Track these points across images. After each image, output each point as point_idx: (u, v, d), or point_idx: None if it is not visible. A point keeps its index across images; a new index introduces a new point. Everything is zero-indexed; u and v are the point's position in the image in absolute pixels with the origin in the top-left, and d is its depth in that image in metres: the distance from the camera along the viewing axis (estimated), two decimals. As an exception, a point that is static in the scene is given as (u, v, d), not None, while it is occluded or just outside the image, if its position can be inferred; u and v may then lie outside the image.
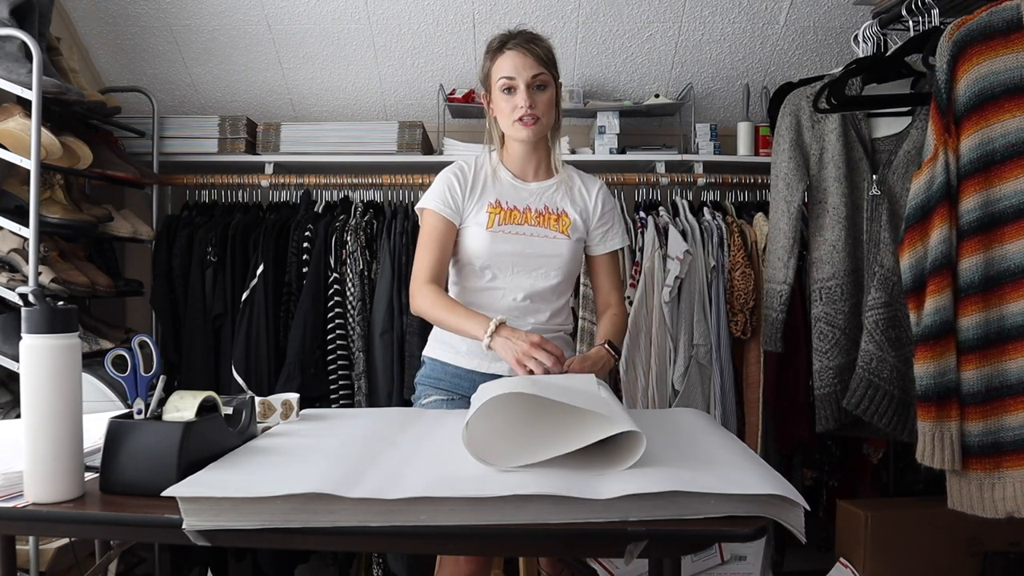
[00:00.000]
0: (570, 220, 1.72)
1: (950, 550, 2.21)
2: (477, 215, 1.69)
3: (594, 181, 1.80)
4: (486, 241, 1.67)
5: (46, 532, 1.76)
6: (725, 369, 2.48)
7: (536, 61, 1.63)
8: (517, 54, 1.63)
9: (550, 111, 1.67)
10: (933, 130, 1.58)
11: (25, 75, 2.05)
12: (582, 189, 1.77)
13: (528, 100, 1.62)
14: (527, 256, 1.68)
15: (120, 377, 1.09)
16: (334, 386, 2.52)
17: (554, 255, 1.69)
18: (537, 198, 1.72)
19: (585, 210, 1.75)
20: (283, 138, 2.72)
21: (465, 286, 1.73)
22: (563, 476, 1.01)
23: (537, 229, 1.69)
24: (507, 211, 1.70)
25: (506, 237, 1.68)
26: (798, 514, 0.96)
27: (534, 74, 1.63)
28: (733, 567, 2.07)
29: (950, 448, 1.56)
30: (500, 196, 1.71)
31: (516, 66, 1.63)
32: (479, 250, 1.68)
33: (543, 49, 1.65)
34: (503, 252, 1.67)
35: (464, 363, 1.69)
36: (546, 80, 1.65)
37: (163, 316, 2.61)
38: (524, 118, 1.63)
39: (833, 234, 2.06)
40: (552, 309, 1.72)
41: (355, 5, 2.65)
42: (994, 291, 1.53)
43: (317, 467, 1.06)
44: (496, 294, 1.69)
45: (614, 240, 1.78)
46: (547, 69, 1.65)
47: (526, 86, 1.63)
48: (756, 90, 2.88)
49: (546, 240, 1.69)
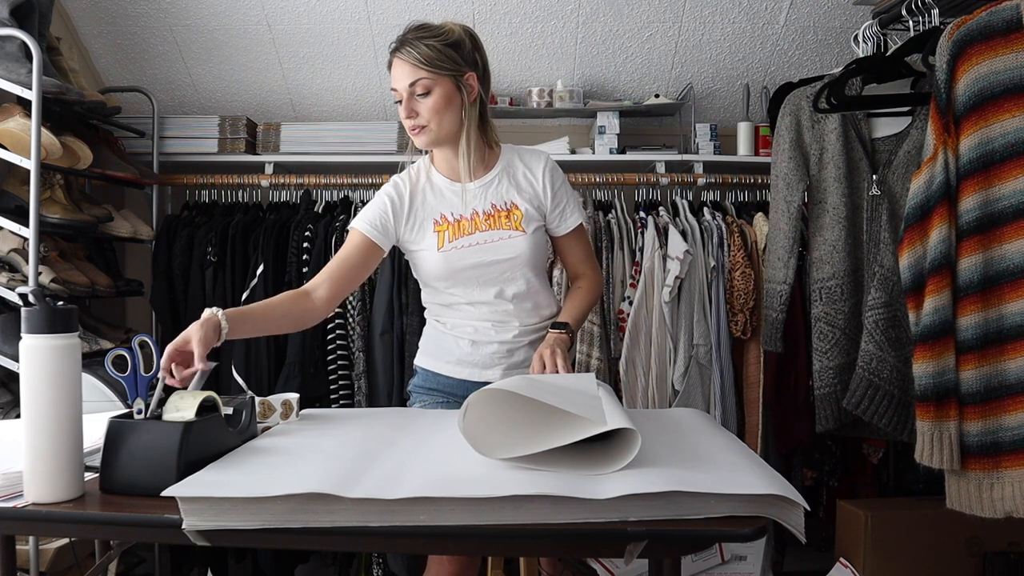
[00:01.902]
0: (522, 212, 1.61)
1: (950, 550, 2.21)
2: (424, 238, 1.61)
3: (538, 158, 1.67)
4: (441, 263, 1.60)
5: (46, 532, 1.76)
6: (725, 369, 2.48)
7: (414, 66, 1.51)
8: (396, 62, 1.54)
9: (440, 114, 1.53)
10: (933, 130, 1.58)
11: (25, 75, 2.05)
12: (527, 172, 1.65)
13: (407, 111, 1.54)
14: (487, 265, 1.60)
15: (120, 377, 1.09)
16: (334, 386, 2.52)
17: (514, 256, 1.60)
18: (480, 198, 1.62)
19: (535, 196, 1.64)
20: (283, 138, 2.72)
21: (437, 302, 1.68)
22: (563, 476, 1.01)
23: (490, 233, 1.60)
24: (454, 224, 1.60)
25: (461, 253, 1.59)
26: (798, 514, 0.96)
27: (411, 81, 1.52)
28: (733, 567, 2.07)
29: (949, 448, 1.56)
30: (442, 209, 1.61)
31: (395, 76, 1.54)
32: (437, 272, 1.61)
33: (425, 48, 1.51)
34: (461, 268, 1.60)
35: (454, 373, 1.66)
36: (429, 84, 1.52)
37: (163, 316, 2.61)
38: (412, 128, 1.56)
39: (833, 234, 2.06)
40: (534, 303, 1.66)
41: (355, 5, 2.65)
42: (993, 291, 1.53)
43: (317, 467, 1.06)
44: (470, 308, 1.64)
45: (572, 217, 1.67)
46: (431, 71, 1.51)
47: (408, 96, 1.53)
48: (756, 90, 2.88)
49: (502, 243, 1.60)
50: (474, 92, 1.57)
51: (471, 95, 1.57)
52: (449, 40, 1.54)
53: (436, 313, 1.70)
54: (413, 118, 1.54)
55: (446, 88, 1.54)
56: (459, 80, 1.55)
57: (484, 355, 1.64)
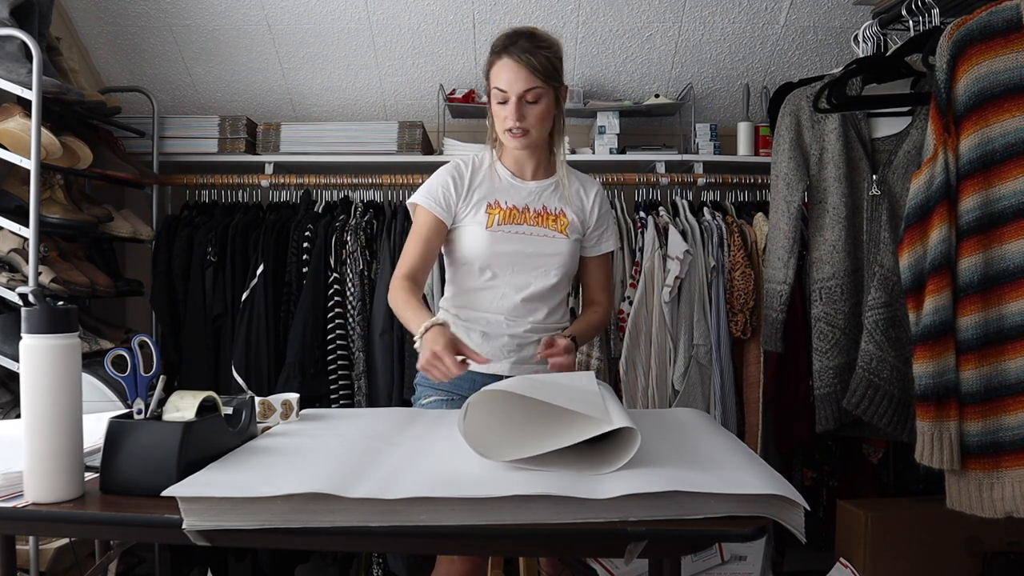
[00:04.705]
0: (568, 220, 1.72)
1: (950, 550, 2.21)
2: (476, 215, 1.68)
3: (592, 184, 1.79)
4: (486, 241, 1.67)
5: (46, 532, 1.76)
6: (725, 369, 2.48)
7: (530, 74, 1.58)
8: (512, 64, 1.59)
9: (543, 122, 1.64)
10: (933, 130, 1.58)
11: (25, 75, 2.05)
12: (580, 191, 1.76)
13: (517, 114, 1.60)
14: (527, 255, 1.68)
15: (120, 377, 1.09)
16: (334, 386, 2.52)
17: (554, 254, 1.69)
18: (535, 198, 1.72)
19: (582, 211, 1.75)
20: (283, 138, 2.72)
21: (462, 286, 1.72)
22: (563, 476, 1.01)
23: (536, 228, 1.69)
24: (506, 211, 1.69)
25: (506, 236, 1.67)
26: (798, 514, 0.96)
27: (526, 88, 1.59)
28: (733, 567, 2.07)
29: (949, 448, 1.56)
30: (499, 195, 1.70)
31: (509, 79, 1.59)
32: (479, 250, 1.67)
33: (542, 59, 1.59)
34: (503, 252, 1.67)
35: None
36: (540, 93, 1.61)
37: (163, 316, 2.61)
38: (513, 130, 1.62)
39: (833, 234, 2.06)
40: (549, 307, 1.72)
41: (355, 5, 2.65)
42: (993, 291, 1.53)
43: (317, 467, 1.06)
44: (495, 293, 1.69)
45: (608, 243, 1.80)
46: (543, 81, 1.60)
47: (517, 99, 1.59)
48: (756, 90, 2.88)
49: (546, 239, 1.69)
50: (563, 104, 1.71)
51: (562, 106, 1.70)
52: (559, 54, 1.65)
53: (454, 303, 1.73)
54: (521, 121, 1.61)
55: (551, 99, 1.64)
56: (558, 92, 1.67)
57: (494, 348, 1.68)
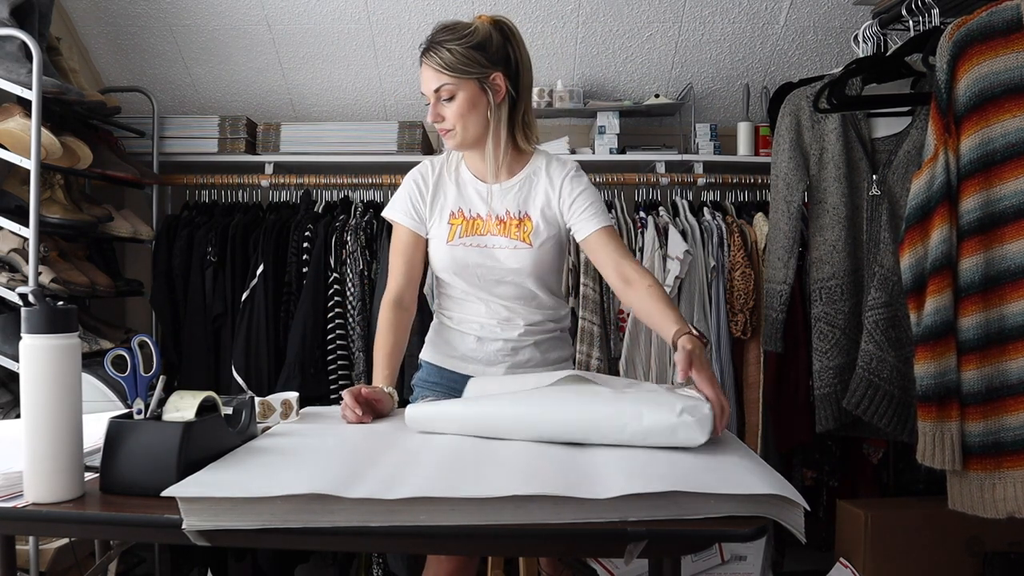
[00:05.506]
0: (533, 225, 1.60)
1: (950, 550, 2.21)
2: (439, 226, 1.62)
3: (561, 166, 1.63)
4: (448, 255, 1.61)
5: (46, 532, 1.76)
6: (725, 369, 2.48)
7: (437, 71, 1.51)
8: (423, 66, 1.54)
9: (465, 118, 1.53)
10: (933, 130, 1.58)
11: (25, 75, 2.04)
12: (548, 183, 1.62)
13: (433, 114, 1.55)
14: (491, 268, 1.60)
15: (120, 377, 1.09)
16: (334, 386, 2.51)
17: (517, 268, 1.59)
18: (499, 201, 1.62)
19: (549, 205, 1.61)
20: (283, 138, 2.72)
21: (446, 294, 1.69)
22: (563, 476, 1.01)
23: (498, 239, 1.60)
24: (469, 221, 1.61)
25: (467, 251, 1.60)
26: (798, 514, 0.96)
27: (435, 87, 1.52)
28: (733, 567, 2.07)
29: (950, 448, 1.56)
30: (462, 203, 1.63)
31: (423, 80, 1.54)
32: (444, 264, 1.63)
33: (445, 53, 1.50)
34: (467, 265, 1.61)
35: (459, 368, 1.68)
36: (452, 89, 1.51)
37: (163, 316, 2.61)
38: (441, 131, 1.58)
39: (833, 234, 2.06)
40: (541, 309, 1.66)
41: (355, 5, 2.65)
42: (994, 291, 1.53)
43: (317, 467, 1.06)
44: (476, 304, 1.65)
45: (599, 217, 1.59)
46: (453, 76, 1.50)
47: (434, 100, 1.54)
48: (756, 90, 2.88)
49: (505, 252, 1.59)
50: (501, 92, 1.55)
51: (497, 96, 1.55)
52: (473, 41, 1.51)
53: (444, 307, 1.71)
54: (439, 122, 1.56)
55: (470, 92, 1.52)
56: (484, 82, 1.53)
57: (489, 352, 1.65)
